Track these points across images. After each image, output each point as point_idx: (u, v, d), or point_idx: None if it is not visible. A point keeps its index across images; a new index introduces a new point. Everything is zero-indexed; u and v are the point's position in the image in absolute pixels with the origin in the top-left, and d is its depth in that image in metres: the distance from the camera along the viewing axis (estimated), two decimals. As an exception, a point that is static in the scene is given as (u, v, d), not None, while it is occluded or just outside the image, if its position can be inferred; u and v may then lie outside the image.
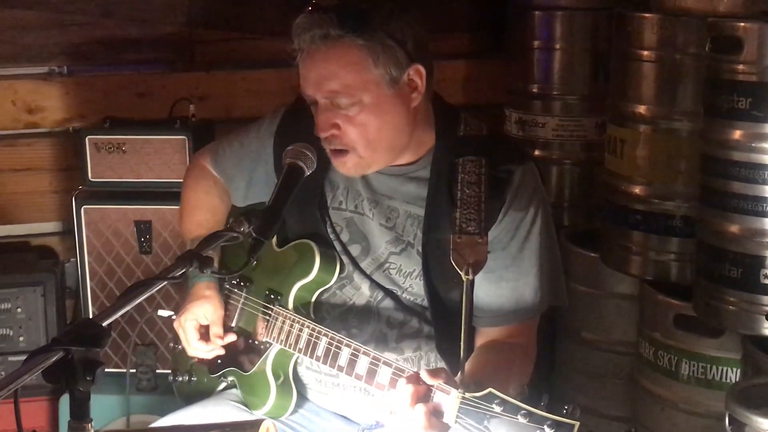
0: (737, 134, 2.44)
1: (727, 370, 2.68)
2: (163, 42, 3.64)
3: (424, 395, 1.81)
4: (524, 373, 2.10)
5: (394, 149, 2.10)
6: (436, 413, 1.79)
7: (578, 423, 1.63)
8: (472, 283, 2.03)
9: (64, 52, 3.59)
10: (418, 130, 2.12)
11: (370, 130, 2.04)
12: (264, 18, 3.66)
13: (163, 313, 2.53)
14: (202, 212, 2.43)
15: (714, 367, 2.70)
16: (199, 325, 2.25)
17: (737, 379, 2.63)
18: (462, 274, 2.01)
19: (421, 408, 1.79)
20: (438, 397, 1.80)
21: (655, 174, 2.83)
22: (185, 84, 3.61)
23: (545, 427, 1.64)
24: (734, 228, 2.47)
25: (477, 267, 2.02)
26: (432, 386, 1.81)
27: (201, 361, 2.32)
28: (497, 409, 1.69)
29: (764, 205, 2.41)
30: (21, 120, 3.57)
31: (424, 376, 1.83)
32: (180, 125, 3.28)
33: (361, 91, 2.01)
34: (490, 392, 1.72)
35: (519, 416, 1.66)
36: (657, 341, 2.81)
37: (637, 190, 2.87)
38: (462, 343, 1.96)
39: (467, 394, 1.75)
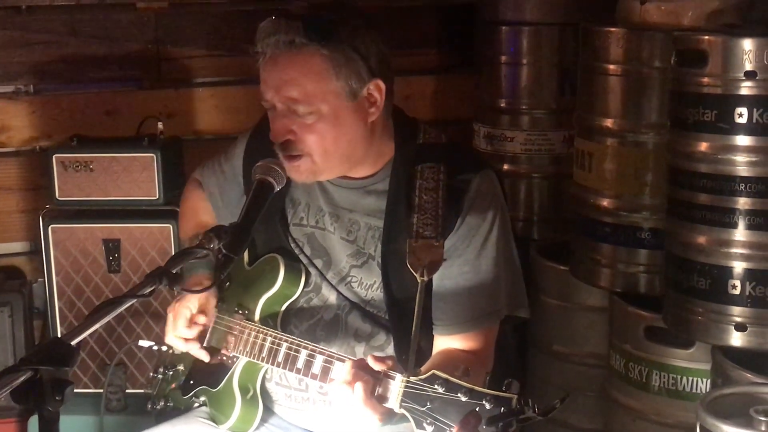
0: (703, 146, 2.46)
1: (697, 381, 2.69)
2: (130, 60, 3.63)
3: (365, 377, 1.81)
4: (477, 379, 2.09)
5: (348, 160, 2.11)
6: (378, 397, 1.79)
7: (516, 396, 1.64)
8: (426, 284, 2.04)
9: (29, 71, 3.56)
10: (376, 143, 2.13)
11: (327, 139, 2.04)
12: (231, 35, 3.66)
13: (144, 343, 2.53)
14: (198, 215, 2.47)
15: (684, 378, 2.71)
16: (191, 314, 2.24)
17: (707, 390, 2.64)
18: (417, 276, 2.02)
19: (359, 386, 1.79)
20: (383, 383, 1.80)
21: (623, 187, 2.85)
22: (153, 101, 3.60)
23: (484, 402, 1.65)
24: (701, 239, 2.49)
25: (432, 268, 2.03)
26: (376, 371, 1.81)
27: (177, 385, 2.35)
28: (440, 389, 1.70)
29: (731, 216, 2.43)
30: (-13, 139, 3.55)
31: (370, 360, 1.83)
32: (148, 143, 3.26)
33: (320, 101, 2.02)
34: (433, 374, 1.73)
35: (460, 394, 1.68)
36: (627, 353, 2.82)
37: (605, 203, 2.89)
38: (412, 338, 1.97)
39: (411, 378, 1.76)
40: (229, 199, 2.39)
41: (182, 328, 2.22)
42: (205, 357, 2.25)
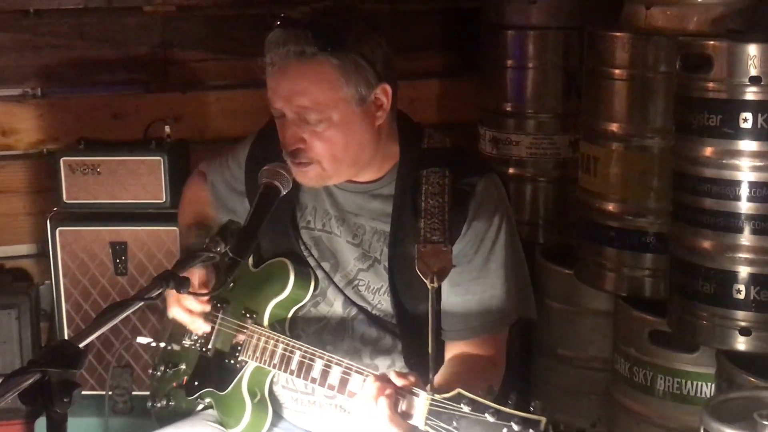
0: (708, 151, 2.47)
1: (701, 385, 2.70)
2: (137, 63, 3.64)
3: (389, 393, 1.82)
4: (492, 383, 2.10)
5: (356, 164, 2.13)
6: (402, 413, 1.80)
7: (545, 419, 1.64)
8: (437, 291, 2.04)
9: (37, 74, 3.58)
10: (382, 146, 2.14)
11: (336, 146, 2.06)
12: (237, 38, 3.67)
13: (143, 339, 2.53)
14: (199, 204, 2.47)
15: (689, 382, 2.71)
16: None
17: (712, 394, 2.65)
18: (427, 282, 2.01)
19: (383, 401, 1.80)
20: (407, 400, 1.80)
21: (628, 191, 2.85)
22: (160, 105, 3.62)
23: (512, 423, 1.65)
24: (706, 244, 2.49)
25: (442, 274, 2.03)
26: (399, 386, 1.82)
27: (178, 384, 2.34)
28: (466, 409, 1.70)
29: (735, 220, 2.44)
30: (-6, 142, 3.57)
31: (393, 377, 1.84)
32: (155, 146, 3.28)
33: (331, 109, 2.03)
34: (458, 392, 1.73)
35: (487, 414, 1.67)
36: (632, 357, 2.83)
37: (610, 207, 2.89)
38: (429, 350, 1.96)
39: (436, 396, 1.76)
40: (231, 194, 2.39)
41: (189, 298, 2.20)
42: (206, 328, 2.24)
